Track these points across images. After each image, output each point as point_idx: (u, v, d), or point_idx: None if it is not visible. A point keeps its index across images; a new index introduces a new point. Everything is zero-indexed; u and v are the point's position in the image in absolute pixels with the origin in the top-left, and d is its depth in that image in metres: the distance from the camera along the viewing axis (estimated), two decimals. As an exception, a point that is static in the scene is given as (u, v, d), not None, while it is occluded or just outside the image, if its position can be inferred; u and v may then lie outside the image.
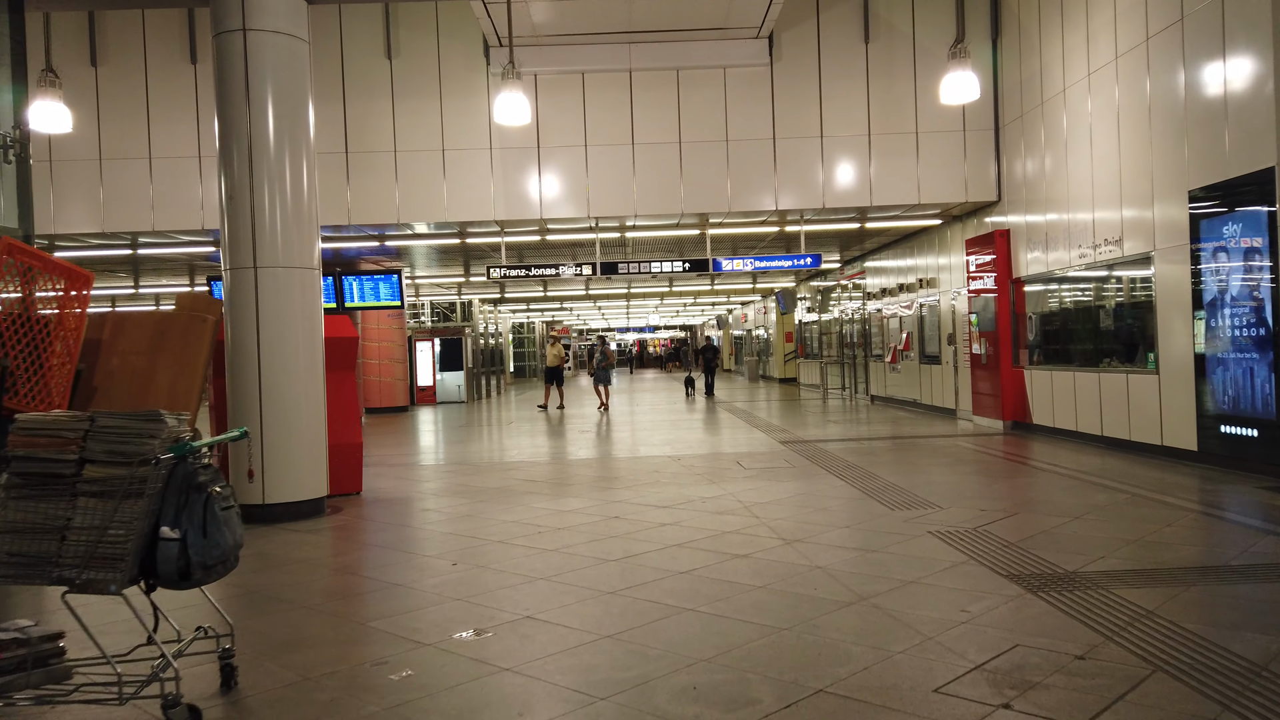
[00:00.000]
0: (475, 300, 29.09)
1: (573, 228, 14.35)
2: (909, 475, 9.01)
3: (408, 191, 13.14)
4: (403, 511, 8.12)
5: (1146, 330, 9.98)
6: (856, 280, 21.80)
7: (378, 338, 22.99)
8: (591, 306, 38.04)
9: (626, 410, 20.31)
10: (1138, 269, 10.14)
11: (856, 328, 21.93)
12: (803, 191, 13.33)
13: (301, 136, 8.02)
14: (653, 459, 11.05)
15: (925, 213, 14.42)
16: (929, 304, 16.46)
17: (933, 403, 16.37)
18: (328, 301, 18.21)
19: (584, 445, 13.09)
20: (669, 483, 9.06)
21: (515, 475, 10.11)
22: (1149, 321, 9.85)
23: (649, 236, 15.39)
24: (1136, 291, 10.38)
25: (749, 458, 10.84)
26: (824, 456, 10.70)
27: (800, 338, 28.94)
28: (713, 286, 28.77)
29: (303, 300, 7.97)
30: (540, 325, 48.10)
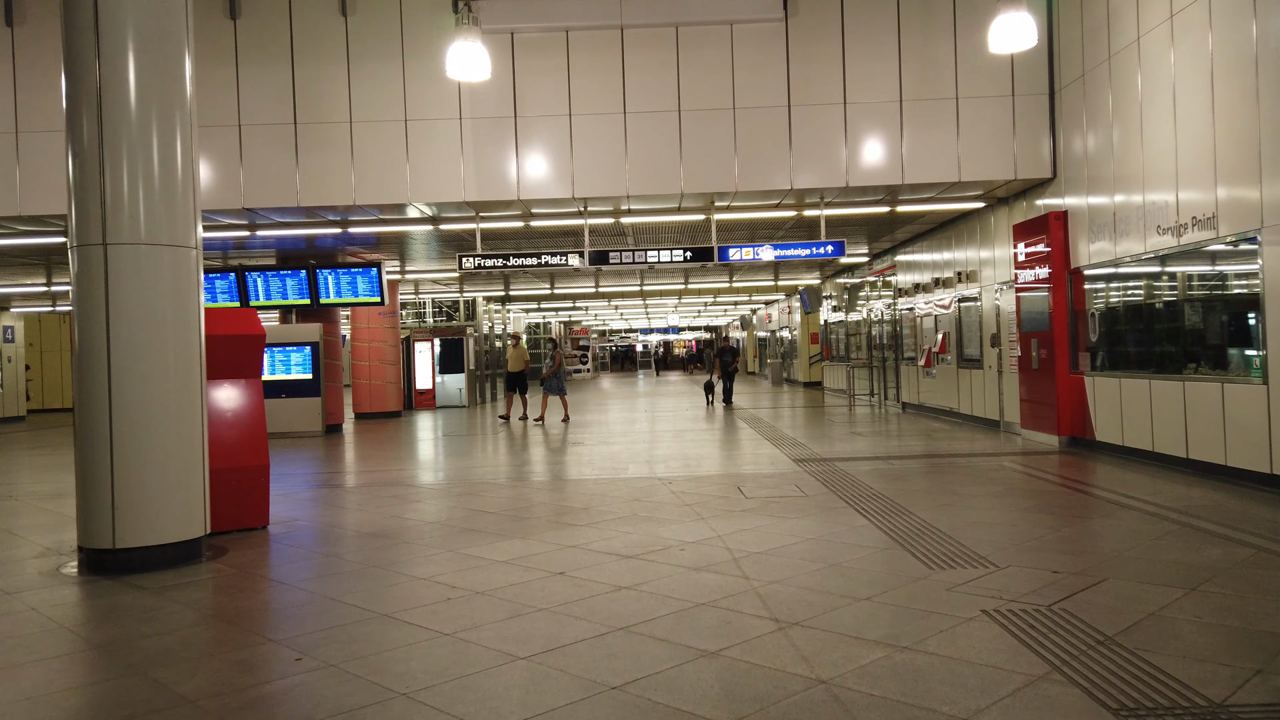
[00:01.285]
0: (479, 298, 27.44)
1: (559, 212, 12.58)
2: (950, 512, 7.12)
3: (366, 168, 11.44)
4: (299, 558, 6.38)
5: (1249, 329, 8.01)
6: (886, 276, 19.83)
7: (368, 338, 21.39)
8: (607, 306, 36.27)
9: (633, 418, 18.50)
10: (1237, 255, 8.17)
11: (886, 328, 19.97)
12: (823, 168, 11.46)
13: (173, 88, 6.31)
14: (639, 482, 9.25)
15: (966, 194, 12.47)
16: (969, 301, 14.50)
17: (972, 412, 14.40)
18: (301, 297, 16.64)
19: (564, 462, 11.31)
20: (647, 518, 7.24)
21: (468, 503, 8.35)
22: (1253, 318, 7.87)
23: (648, 223, 13.58)
24: (1235, 282, 8.41)
25: (754, 482, 9.00)
26: (845, 481, 8.83)
27: (825, 339, 26.98)
28: (731, 284, 26.87)
29: (174, 287, 6.26)
30: (557, 326, 46.45)
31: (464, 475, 10.50)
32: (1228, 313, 8.59)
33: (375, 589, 5.32)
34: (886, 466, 9.93)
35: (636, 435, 14.37)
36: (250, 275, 16.50)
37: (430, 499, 8.68)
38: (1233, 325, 8.44)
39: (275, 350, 16.69)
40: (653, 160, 11.44)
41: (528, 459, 11.95)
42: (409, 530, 7.12)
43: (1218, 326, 8.75)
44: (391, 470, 11.32)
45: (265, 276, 16.50)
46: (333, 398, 17.41)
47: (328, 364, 17.25)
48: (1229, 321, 8.54)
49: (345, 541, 6.83)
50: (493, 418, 20.82)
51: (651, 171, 11.45)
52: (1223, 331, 8.64)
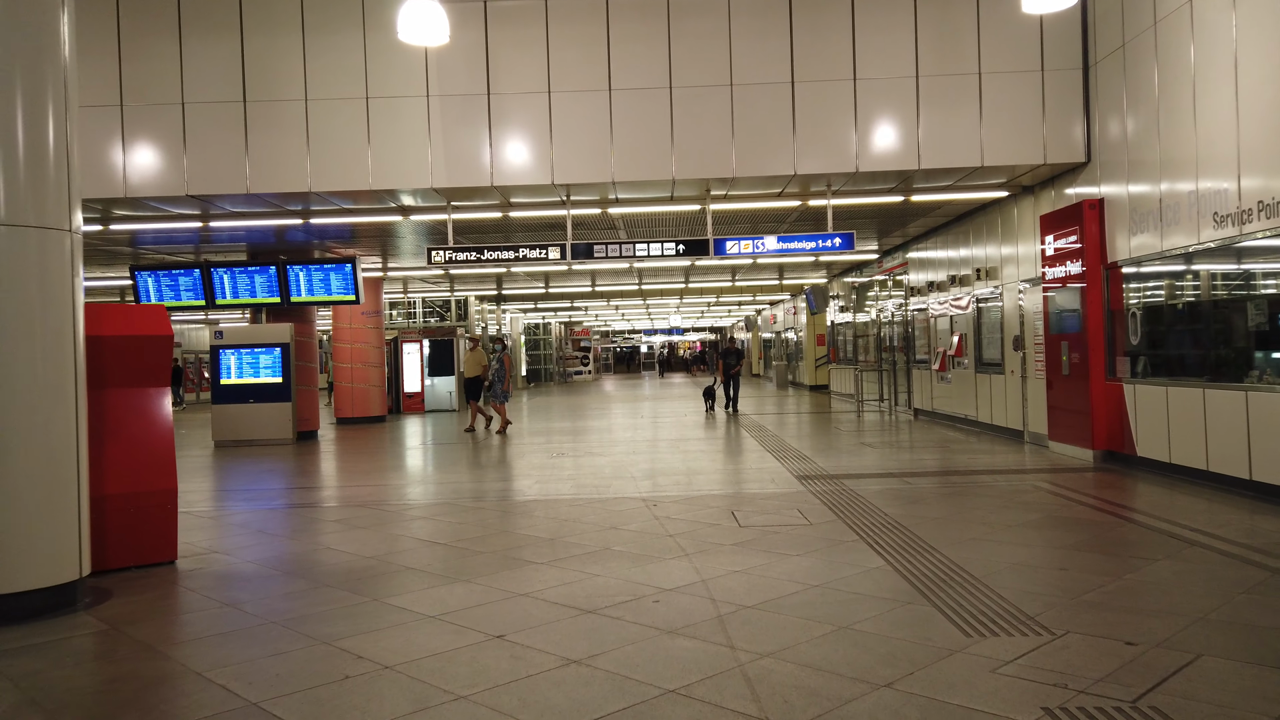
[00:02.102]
0: (471, 298, 26.36)
1: (540, 201, 11.46)
2: (982, 549, 5.97)
3: (323, 152, 10.34)
4: (191, 607, 5.27)
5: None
6: (896, 274, 18.67)
7: (349, 338, 20.30)
8: (606, 306, 35.14)
9: (628, 424, 17.36)
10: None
11: (897, 329, 18.80)
12: (830, 152, 10.32)
13: (42, 45, 5.21)
14: (620, 504, 8.11)
15: (988, 182, 11.32)
16: (988, 300, 13.34)
17: (992, 421, 13.24)
18: (270, 295, 15.54)
19: (542, 478, 10.18)
20: (621, 553, 6.11)
21: (420, 529, 7.23)
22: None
23: (639, 214, 12.44)
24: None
25: (751, 505, 7.86)
26: (855, 505, 7.68)
27: (832, 341, 25.82)
28: (734, 283, 25.73)
29: (42, 277, 5.15)
30: (557, 326, 45.34)
31: (428, 493, 9.38)
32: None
33: (259, 659, 4.20)
34: (901, 486, 8.78)
35: (628, 445, 13.23)
36: (216, 272, 15.42)
37: (377, 525, 7.55)
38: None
39: (243, 352, 15.60)
40: (641, 143, 10.31)
41: (502, 474, 10.83)
42: (337, 569, 6.00)
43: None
44: (349, 486, 10.20)
45: (232, 273, 15.42)
46: (306, 402, 16.32)
47: (300, 366, 16.16)
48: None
49: (256, 584, 5.70)
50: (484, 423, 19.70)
51: (640, 156, 10.33)
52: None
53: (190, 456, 13.89)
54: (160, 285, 15.51)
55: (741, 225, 14.03)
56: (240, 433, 15.42)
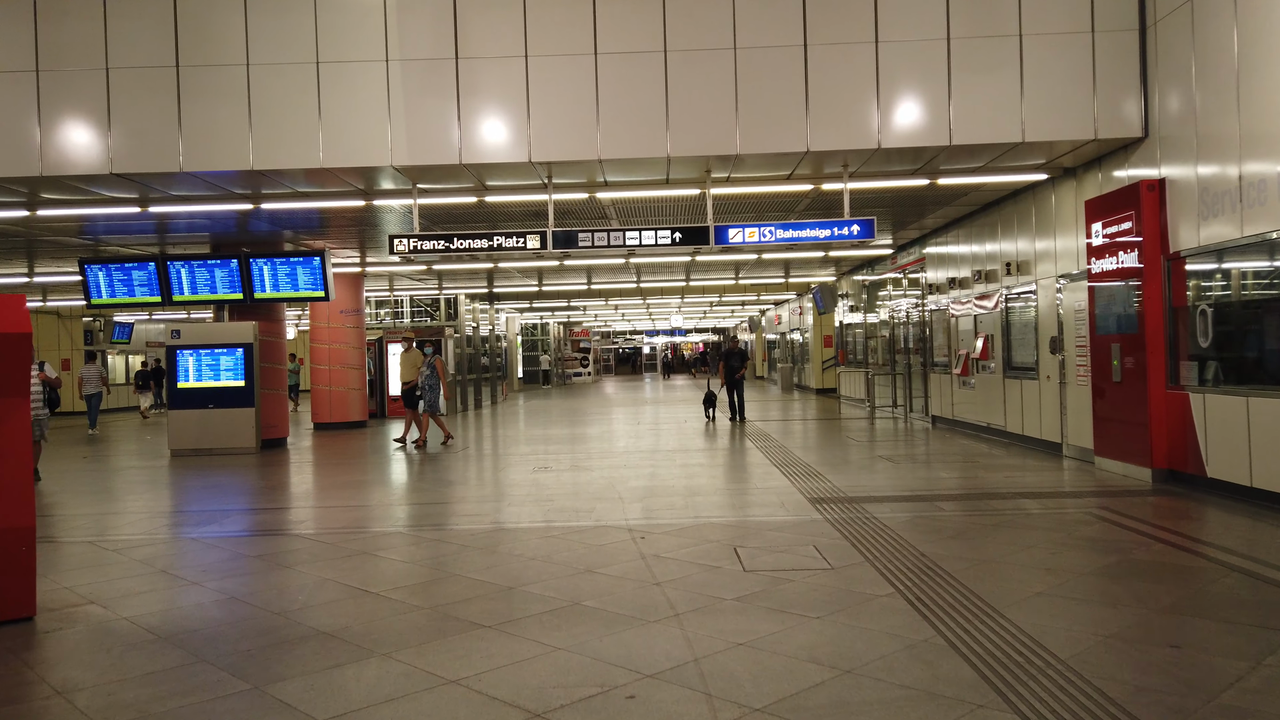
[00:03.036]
0: (461, 296, 25.07)
1: (519, 184, 10.16)
2: (1057, 611, 4.65)
3: (266, 124, 9.04)
4: (8, 695, 3.98)
5: None
6: (912, 272, 17.36)
7: (327, 339, 19.04)
8: (605, 305, 33.83)
9: (623, 433, 16.04)
10: None
11: (913, 330, 17.48)
12: (848, 127, 9.01)
13: None
14: (603, 537, 6.81)
15: (1024, 162, 10.00)
16: (1020, 298, 12.02)
17: (1023, 431, 11.92)
18: (232, 291, 14.26)
19: (516, 498, 8.87)
20: (593, 612, 4.81)
21: (350, 573, 5.94)
22: None
23: (631, 199, 11.12)
24: None
25: (758, 538, 6.55)
26: (881, 540, 6.37)
27: (841, 342, 24.49)
28: (738, 280, 24.41)
29: None
30: (555, 327, 44.04)
31: (381, 517, 8.07)
32: None
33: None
34: (932, 513, 7.46)
35: (622, 457, 11.92)
36: (173, 265, 14.14)
37: (306, 562, 6.25)
38: None
39: (201, 353, 14.32)
40: (632, 116, 9.02)
41: (473, 494, 9.52)
42: (229, 632, 4.70)
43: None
44: (294, 508, 8.90)
45: (190, 267, 14.14)
46: (272, 408, 15.03)
47: (266, 368, 14.88)
48: None
49: (116, 656, 4.40)
50: (475, 427, 18.41)
51: (630, 130, 9.03)
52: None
53: (137, 468, 12.62)
54: (112, 280, 14.24)
55: (746, 213, 12.71)
56: (199, 441, 14.14)
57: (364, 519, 8.06)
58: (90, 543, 7.22)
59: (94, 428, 19.96)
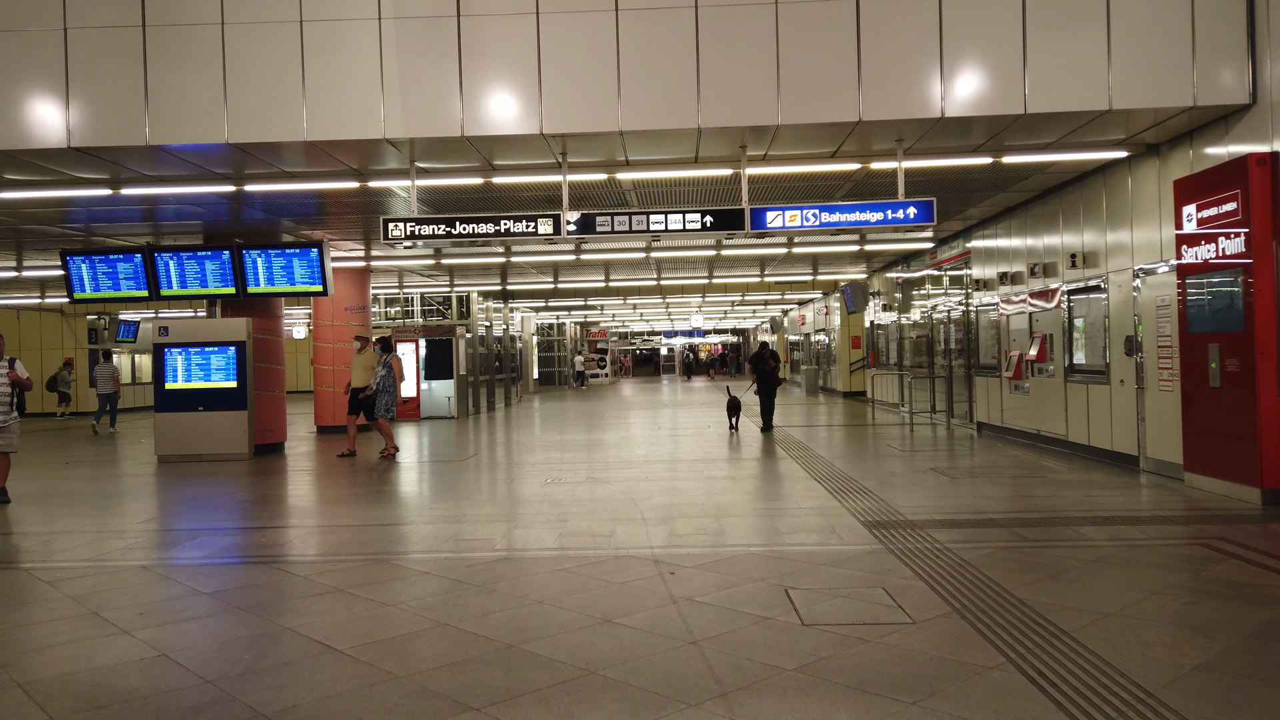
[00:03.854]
0: (474, 294, 24.04)
1: (530, 163, 9.06)
2: (1240, 693, 3.50)
3: (243, 91, 7.99)
4: None
5: None
6: (952, 268, 16.16)
7: (331, 337, 18.04)
8: (623, 304, 32.70)
9: (645, 439, 14.92)
10: None
11: (954, 330, 16.27)
12: (905, 94, 7.86)
13: None
14: (623, 571, 5.69)
15: (1102, 138, 8.81)
16: (1086, 292, 10.82)
17: (1088, 441, 10.71)
18: (224, 285, 13.25)
19: (526, 517, 7.76)
20: (613, 686, 3.69)
21: (308, 617, 4.85)
22: None
23: (655, 180, 9.98)
24: None
25: (811, 575, 5.42)
26: (960, 581, 5.22)
27: (871, 343, 23.27)
28: (763, 278, 23.22)
29: None
30: (571, 327, 42.99)
31: (368, 541, 6.98)
32: None
33: None
34: (1014, 542, 6.29)
35: (642, 467, 10.79)
36: (161, 257, 13.14)
37: (265, 605, 5.18)
38: None
39: (191, 351, 13.31)
40: (658, 82, 7.90)
41: (475, 511, 8.41)
42: (136, 712, 3.62)
43: None
44: (272, 526, 7.81)
45: (179, 259, 13.13)
46: (268, 410, 14.01)
47: (260, 368, 13.87)
48: None
49: (-18, 749, 3.34)
50: (487, 432, 17.36)
51: (656, 99, 7.91)
52: None
53: (117, 477, 11.62)
54: (96, 273, 13.26)
55: (781, 197, 11.54)
56: (187, 446, 13.14)
57: (351, 542, 6.98)
58: (27, 570, 6.19)
59: (114, 426, 19.83)
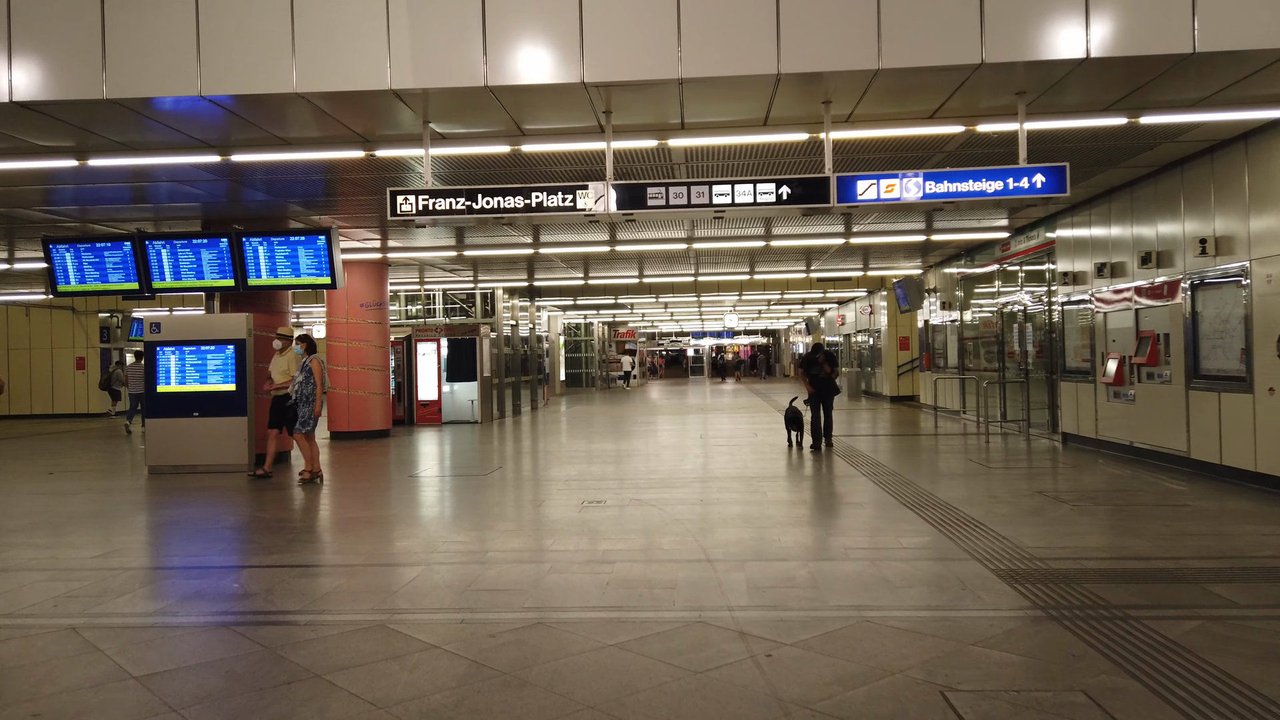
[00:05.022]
0: (499, 290, 22.63)
1: (566, 127, 7.57)
2: None
3: (218, 32, 6.56)
4: None
5: None
6: (1030, 261, 14.51)
7: (347, 336, 16.69)
8: (654, 303, 31.15)
9: (683, 449, 13.39)
10: None
11: (1034, 329, 14.61)
12: (1036, 30, 6.28)
13: None
14: (701, 650, 4.18)
15: (1261, 91, 7.16)
16: (1217, 284, 9.17)
17: (1220, 459, 9.07)
18: (222, 277, 11.89)
19: (564, 552, 6.26)
20: None
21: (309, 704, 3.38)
22: None
23: (713, 146, 8.39)
24: None
25: (966, 662, 3.88)
26: (1186, 677, 3.67)
27: (926, 344, 21.59)
28: (808, 273, 21.58)
29: None
30: (599, 327, 41.53)
31: (365, 589, 5.51)
32: None
33: None
34: (1219, 606, 4.70)
35: (692, 486, 9.27)
36: (152, 245, 11.80)
37: (201, 701, 3.71)
38: None
39: (185, 350, 11.95)
40: (727, 17, 6.38)
41: (502, 543, 6.92)
42: None
43: None
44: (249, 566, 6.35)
45: (173, 248, 11.78)
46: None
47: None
48: None
49: None
50: (513, 439, 15.92)
51: (724, 39, 6.39)
52: None
53: (97, 492, 10.24)
54: (82, 263, 11.93)
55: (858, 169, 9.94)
56: (181, 456, 11.77)
57: (344, 592, 5.51)
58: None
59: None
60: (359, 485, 10.58)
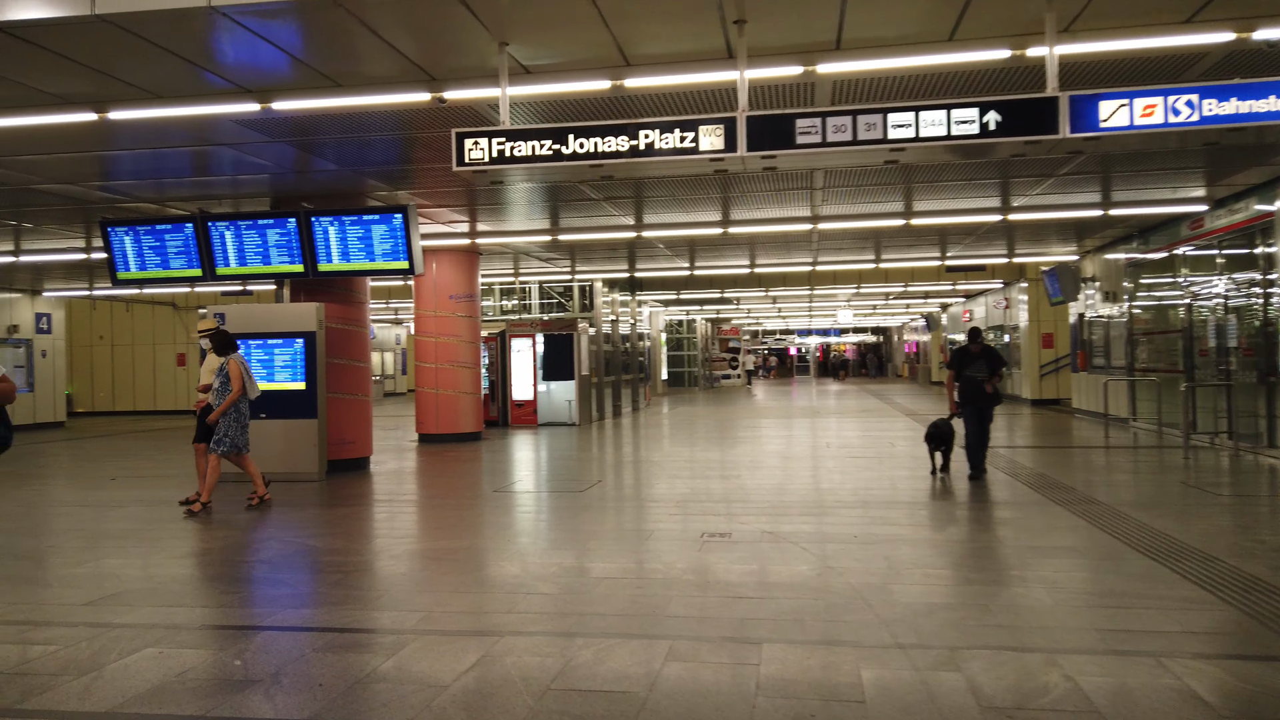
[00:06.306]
0: (598, 283, 21.06)
1: (683, 50, 5.78)
2: None
3: (235, -80, 5.02)
4: None
5: None
6: (1226, 243, 11.97)
7: (435, 330, 15.38)
8: (763, 296, 29.03)
9: (823, 464, 11.44)
10: None
11: (1247, 323, 12.04)
12: None
13: None
14: None
15: None
16: None
17: None
18: (290, 261, 10.58)
19: (689, 626, 4.48)
20: None
21: None
22: None
23: (874, 72, 6.42)
24: None
25: None
26: None
27: (1079, 341, 18.93)
28: (943, 261, 19.18)
29: None
30: (703, 324, 39.64)
31: (424, 681, 3.84)
32: None
33: None
34: None
35: (838, 514, 7.35)
36: (215, 227, 10.58)
37: None
38: None
39: (252, 345, 10.68)
40: None
41: (604, 612, 5.18)
42: None
43: None
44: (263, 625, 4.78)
45: (236, 229, 10.53)
46: (347, 417, 11.28)
47: (337, 366, 11.15)
48: None
49: None
50: (613, 445, 14.29)
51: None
52: None
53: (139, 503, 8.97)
54: (142, 247, 10.81)
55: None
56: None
57: (373, 681, 3.86)
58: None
59: None
60: (435, 502, 9.05)
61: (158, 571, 6.01)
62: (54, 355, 21.64)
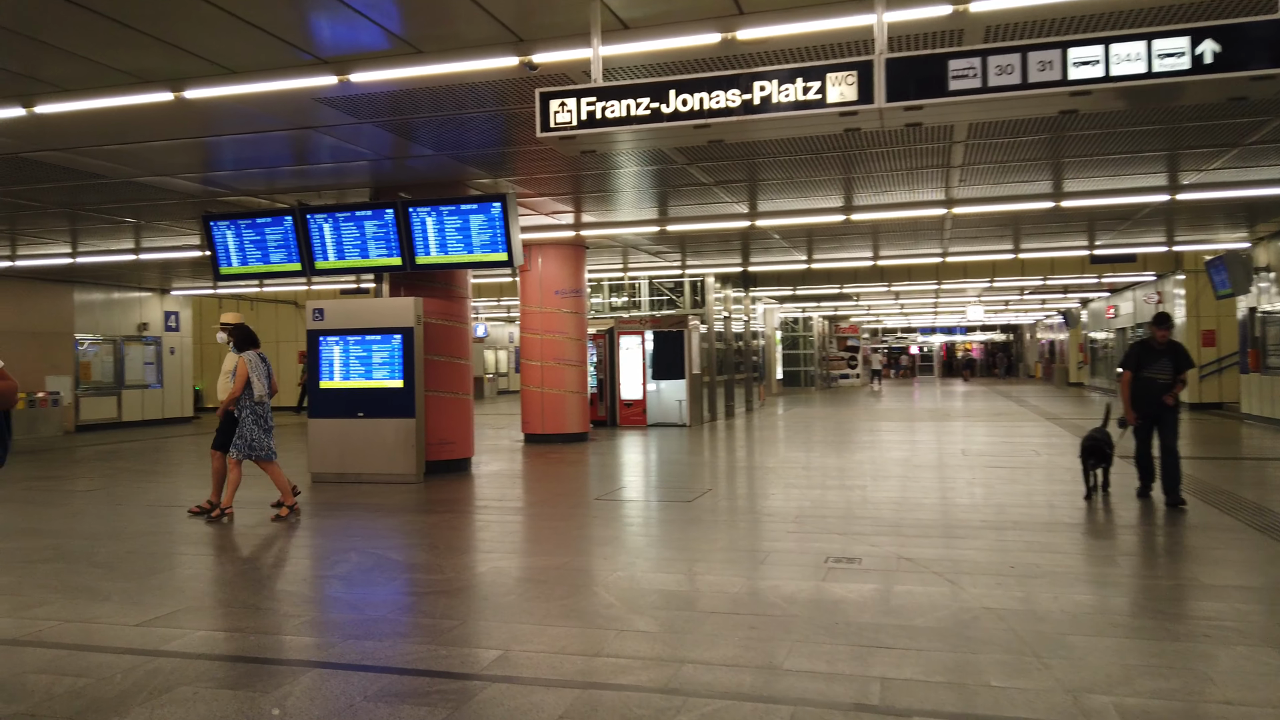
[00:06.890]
0: (709, 278, 20.18)
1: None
2: None
3: None
4: None
5: None
6: None
7: (540, 327, 14.88)
8: (884, 291, 27.42)
9: (948, 469, 10.28)
10: None
11: None
12: None
13: None
14: None
15: None
16: None
17: None
18: (389, 255, 10.16)
19: (822, 684, 3.60)
20: None
21: None
22: None
23: (1046, 5, 5.27)
24: None
25: None
26: None
27: (1251, 338, 16.84)
28: (1091, 249, 17.38)
29: None
30: (819, 322, 38.17)
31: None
32: None
33: None
34: None
35: (975, 535, 6.29)
36: (314, 220, 10.27)
37: None
38: None
39: (349, 341, 10.34)
40: None
41: (714, 657, 4.35)
42: None
43: None
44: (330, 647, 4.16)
45: (335, 221, 10.19)
46: (446, 417, 10.80)
47: (435, 363, 10.68)
48: None
49: None
50: (725, 448, 13.44)
51: None
52: None
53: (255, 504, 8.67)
54: (243, 241, 10.62)
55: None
56: (345, 462, 10.19)
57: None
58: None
59: None
60: (532, 510, 8.40)
61: (225, 586, 5.53)
62: (182, 352, 22.34)
